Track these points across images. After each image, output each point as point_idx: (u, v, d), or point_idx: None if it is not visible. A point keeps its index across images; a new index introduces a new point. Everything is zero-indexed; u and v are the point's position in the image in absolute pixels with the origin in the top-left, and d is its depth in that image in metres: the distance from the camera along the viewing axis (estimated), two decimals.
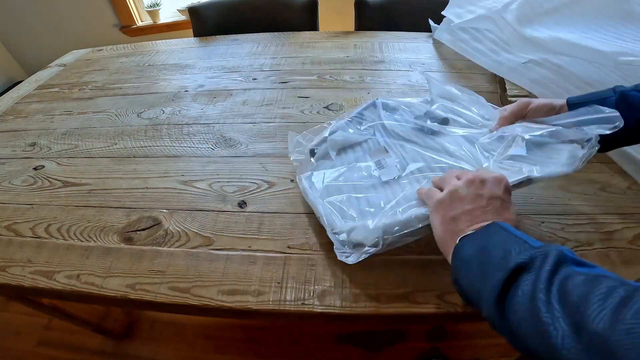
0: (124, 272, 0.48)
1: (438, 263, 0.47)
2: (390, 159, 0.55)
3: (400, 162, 0.54)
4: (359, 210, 0.49)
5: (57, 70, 1.04)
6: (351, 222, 0.46)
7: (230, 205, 0.57)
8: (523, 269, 0.29)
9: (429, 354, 0.98)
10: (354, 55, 1.00)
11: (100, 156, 0.69)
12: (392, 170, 0.53)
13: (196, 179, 0.62)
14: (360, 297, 0.44)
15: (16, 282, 0.48)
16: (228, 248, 0.51)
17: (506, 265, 0.29)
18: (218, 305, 0.44)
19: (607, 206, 0.53)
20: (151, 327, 1.08)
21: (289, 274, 0.47)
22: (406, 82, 0.85)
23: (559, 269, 0.27)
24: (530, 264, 0.29)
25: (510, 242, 0.31)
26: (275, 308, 0.44)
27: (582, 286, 0.25)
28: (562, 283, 0.26)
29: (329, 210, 0.50)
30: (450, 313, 0.42)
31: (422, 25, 1.10)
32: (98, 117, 0.81)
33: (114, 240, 0.53)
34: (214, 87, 0.89)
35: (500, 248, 0.31)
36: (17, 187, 0.64)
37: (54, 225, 0.56)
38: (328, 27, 1.27)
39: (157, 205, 0.58)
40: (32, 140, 0.75)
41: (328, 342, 1.02)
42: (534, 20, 0.76)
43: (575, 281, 0.26)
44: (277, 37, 1.14)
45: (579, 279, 0.26)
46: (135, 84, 0.93)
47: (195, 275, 0.48)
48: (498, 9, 0.83)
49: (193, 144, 0.70)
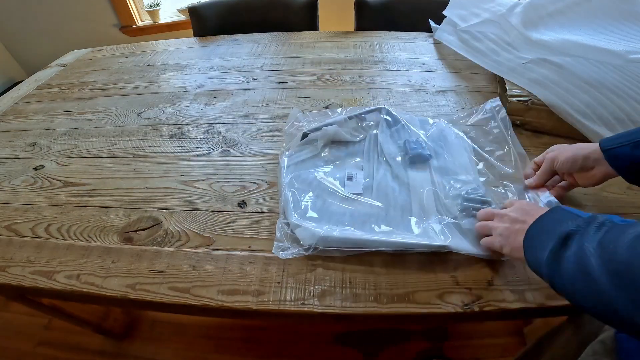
0: (124, 272, 0.48)
1: (438, 263, 0.47)
2: (360, 174, 0.58)
3: (367, 183, 0.57)
4: (322, 211, 0.52)
5: (57, 70, 1.04)
6: (301, 220, 0.50)
7: (230, 205, 0.57)
8: (574, 234, 0.33)
9: (429, 354, 0.98)
10: (353, 55, 1.00)
11: (100, 156, 0.69)
12: (357, 186, 0.56)
13: (196, 179, 0.62)
14: (360, 297, 0.44)
15: (16, 282, 0.48)
16: (228, 248, 0.51)
17: (559, 233, 0.34)
18: (218, 305, 0.44)
19: (607, 206, 0.53)
20: (151, 327, 1.08)
21: (289, 274, 0.47)
22: (406, 82, 0.85)
23: (603, 225, 0.31)
24: (579, 228, 0.33)
25: (563, 217, 0.36)
26: (275, 308, 0.44)
27: (618, 231, 0.29)
28: (605, 233, 0.30)
29: (289, 198, 0.54)
30: (450, 313, 0.42)
31: (422, 25, 1.10)
32: (98, 117, 0.81)
33: (114, 240, 0.53)
34: (214, 87, 0.89)
35: (554, 223, 0.36)
36: (17, 187, 0.64)
37: (54, 225, 0.56)
38: (328, 27, 1.27)
39: (157, 205, 0.58)
40: (32, 140, 0.75)
41: (328, 342, 1.02)
42: (539, 23, 0.76)
43: (615, 229, 0.30)
44: (277, 37, 1.14)
45: (618, 227, 0.30)
46: (135, 84, 0.93)
47: (195, 275, 0.48)
48: (503, 12, 0.83)
49: (193, 144, 0.70)
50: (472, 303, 0.43)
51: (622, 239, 0.28)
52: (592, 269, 0.29)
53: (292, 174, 0.58)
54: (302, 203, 0.54)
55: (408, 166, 0.59)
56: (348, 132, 0.65)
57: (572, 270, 0.31)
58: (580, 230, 0.32)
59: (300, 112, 0.67)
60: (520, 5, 0.82)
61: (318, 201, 0.54)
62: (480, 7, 0.92)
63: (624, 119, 0.61)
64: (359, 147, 0.64)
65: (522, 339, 0.98)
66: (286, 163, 0.60)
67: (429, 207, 0.52)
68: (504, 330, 1.01)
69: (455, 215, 0.51)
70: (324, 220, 0.51)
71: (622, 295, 0.27)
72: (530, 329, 0.97)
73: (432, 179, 0.56)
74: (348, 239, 0.47)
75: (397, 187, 0.56)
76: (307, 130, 0.64)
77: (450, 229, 0.48)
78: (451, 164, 0.59)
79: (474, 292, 0.44)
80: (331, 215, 0.52)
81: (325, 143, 0.64)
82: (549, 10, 0.76)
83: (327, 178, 0.58)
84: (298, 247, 0.48)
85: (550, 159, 0.50)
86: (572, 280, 0.31)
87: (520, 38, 0.77)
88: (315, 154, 0.62)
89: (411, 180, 0.57)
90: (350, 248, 0.47)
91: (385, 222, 0.51)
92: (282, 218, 0.52)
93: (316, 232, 0.48)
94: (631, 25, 0.65)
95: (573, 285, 0.31)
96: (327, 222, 0.51)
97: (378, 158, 0.61)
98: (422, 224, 0.50)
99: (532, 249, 0.37)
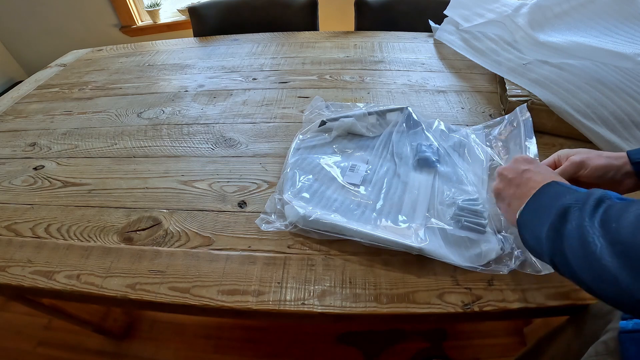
0: (124, 272, 0.48)
1: (438, 263, 0.47)
2: (363, 167, 0.59)
3: (367, 176, 0.58)
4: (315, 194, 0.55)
5: (57, 70, 1.04)
6: (292, 198, 0.53)
7: (230, 205, 0.57)
8: (572, 207, 0.32)
9: (429, 354, 0.98)
10: (353, 55, 1.00)
11: (100, 156, 0.69)
12: (356, 177, 0.58)
13: (196, 179, 0.62)
14: (360, 297, 0.44)
15: (16, 282, 0.48)
16: (228, 248, 0.51)
17: (557, 208, 0.33)
18: (218, 305, 0.44)
19: None
20: (151, 327, 1.08)
21: (289, 274, 0.47)
22: (406, 82, 0.85)
23: (602, 202, 0.31)
24: (577, 202, 0.32)
25: (560, 192, 0.35)
26: (275, 308, 0.44)
27: (619, 210, 0.29)
28: (604, 210, 0.30)
29: (289, 176, 0.56)
30: (450, 313, 0.42)
31: (422, 25, 1.10)
32: (98, 117, 0.81)
33: (114, 240, 0.53)
34: (214, 87, 0.89)
35: (552, 198, 0.35)
36: (17, 187, 0.64)
37: (54, 225, 0.56)
38: (328, 27, 1.27)
39: (157, 205, 0.58)
40: (32, 140, 0.75)
41: (328, 342, 1.02)
42: (545, 25, 0.76)
43: (615, 207, 0.30)
44: (277, 37, 1.14)
45: (618, 205, 0.30)
46: (135, 84, 0.93)
47: (195, 275, 0.47)
48: (509, 13, 0.83)
49: (193, 144, 0.70)
50: (472, 303, 0.43)
51: (625, 218, 0.28)
52: (595, 248, 0.28)
53: (299, 156, 0.61)
54: (299, 183, 0.56)
55: (413, 167, 0.59)
56: (365, 127, 0.66)
57: (574, 247, 0.31)
58: (579, 204, 0.32)
59: (322, 101, 0.70)
60: (526, 6, 0.81)
61: (315, 184, 0.56)
62: (484, 8, 0.91)
63: (624, 118, 0.61)
64: (371, 143, 0.65)
65: (522, 339, 0.98)
66: (297, 145, 0.63)
67: (421, 209, 0.52)
68: (504, 330, 1.01)
69: (445, 222, 0.50)
70: (313, 202, 0.53)
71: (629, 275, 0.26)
72: (530, 329, 0.97)
73: (433, 183, 0.56)
74: (326, 223, 0.49)
75: (395, 184, 0.56)
76: (326, 119, 0.66)
77: (433, 233, 0.48)
78: (460, 174, 0.57)
79: (474, 292, 0.44)
80: (322, 199, 0.54)
81: (340, 134, 0.66)
82: (555, 12, 0.76)
83: (330, 165, 0.59)
84: (280, 223, 0.51)
85: (576, 164, 0.44)
86: (574, 256, 0.31)
87: (527, 39, 0.77)
88: (327, 142, 0.65)
89: (410, 180, 0.57)
90: (327, 232, 0.49)
91: (371, 215, 0.52)
92: (277, 193, 0.55)
93: (299, 211, 0.50)
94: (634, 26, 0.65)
95: (575, 262, 0.31)
96: (316, 205, 0.52)
97: (386, 155, 0.62)
98: (408, 224, 0.50)
99: (530, 225, 0.37)
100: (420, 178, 0.57)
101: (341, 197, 0.54)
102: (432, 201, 0.53)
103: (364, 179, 0.57)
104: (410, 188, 0.56)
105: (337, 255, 0.49)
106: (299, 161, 0.60)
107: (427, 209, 0.52)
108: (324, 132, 0.66)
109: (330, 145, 0.64)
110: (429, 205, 0.53)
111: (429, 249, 0.46)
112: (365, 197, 0.54)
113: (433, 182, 0.57)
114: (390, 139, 0.64)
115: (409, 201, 0.54)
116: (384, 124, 0.67)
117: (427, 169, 0.59)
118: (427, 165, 0.59)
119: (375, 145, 0.64)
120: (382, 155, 0.62)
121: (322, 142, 0.64)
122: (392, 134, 0.65)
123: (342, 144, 0.65)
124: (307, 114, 0.68)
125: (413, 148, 0.62)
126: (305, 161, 0.60)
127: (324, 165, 0.59)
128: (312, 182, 0.56)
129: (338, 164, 0.60)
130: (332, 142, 0.65)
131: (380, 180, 0.57)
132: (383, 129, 0.67)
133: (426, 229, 0.49)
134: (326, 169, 0.59)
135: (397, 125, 0.66)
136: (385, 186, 0.56)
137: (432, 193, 0.55)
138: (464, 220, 0.49)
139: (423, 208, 0.52)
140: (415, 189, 0.55)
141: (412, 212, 0.52)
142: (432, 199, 0.54)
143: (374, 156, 0.62)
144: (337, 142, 0.65)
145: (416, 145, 0.62)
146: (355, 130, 0.66)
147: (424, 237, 0.47)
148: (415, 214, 0.52)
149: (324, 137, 0.65)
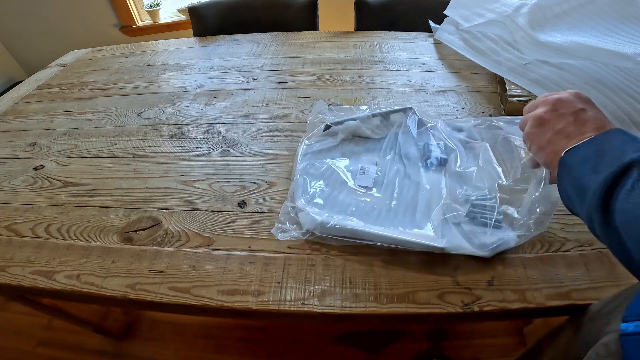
0: (124, 272, 0.48)
1: (438, 263, 0.47)
2: (373, 169, 0.59)
3: (378, 178, 0.58)
4: (328, 199, 0.54)
5: (57, 70, 1.04)
6: (306, 205, 0.52)
7: (230, 205, 0.57)
8: (636, 164, 0.28)
9: (429, 354, 0.98)
10: (353, 55, 1.00)
11: (100, 156, 0.69)
12: (368, 180, 0.57)
13: (196, 179, 0.62)
14: (360, 297, 0.44)
15: (16, 282, 0.48)
16: (228, 248, 0.51)
17: (621, 161, 0.29)
18: (218, 305, 0.44)
19: None
20: (151, 327, 1.08)
21: (289, 274, 0.47)
22: (406, 82, 0.85)
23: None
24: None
25: (628, 142, 0.31)
26: (275, 308, 0.44)
27: None
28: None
29: (300, 183, 0.55)
30: (450, 313, 0.42)
31: (422, 25, 1.10)
32: (98, 117, 0.81)
33: (114, 240, 0.53)
34: (214, 87, 0.89)
35: (617, 148, 0.31)
36: (17, 187, 0.63)
37: (54, 225, 0.56)
38: (328, 27, 1.27)
39: (157, 205, 0.58)
40: (32, 140, 0.75)
41: (328, 342, 1.02)
42: (545, 24, 0.76)
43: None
44: (277, 37, 1.14)
45: None
46: (135, 84, 0.93)
47: (195, 275, 0.47)
48: (509, 13, 0.83)
49: (193, 144, 0.70)
50: (472, 303, 0.43)
51: None
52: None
53: (308, 162, 0.60)
54: (311, 189, 0.55)
55: (422, 167, 0.59)
56: (370, 129, 0.66)
57: (629, 210, 0.27)
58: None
59: (325, 105, 0.69)
60: (527, 6, 0.81)
61: (327, 189, 0.56)
62: (484, 7, 0.91)
63: (624, 119, 0.61)
64: (377, 144, 0.65)
65: (522, 339, 0.98)
66: (304, 151, 0.63)
67: (436, 208, 0.52)
68: (504, 330, 1.01)
69: (461, 220, 0.50)
70: (327, 207, 0.52)
71: None
72: (530, 329, 0.97)
73: (445, 182, 0.56)
74: (345, 228, 0.48)
75: (407, 185, 0.56)
76: (330, 123, 0.66)
77: (450, 230, 0.48)
78: (471, 173, 0.57)
79: (474, 292, 0.44)
80: (335, 204, 0.53)
81: (346, 137, 0.65)
82: (555, 12, 0.76)
83: (340, 169, 0.59)
84: (297, 231, 0.49)
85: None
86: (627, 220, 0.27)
87: (527, 39, 0.77)
88: (334, 146, 0.64)
89: (422, 180, 0.57)
90: (346, 238, 0.48)
91: (388, 217, 0.51)
92: (289, 201, 0.54)
93: (316, 218, 0.49)
94: (634, 26, 0.65)
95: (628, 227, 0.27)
96: (331, 210, 0.52)
97: (394, 156, 0.62)
98: (424, 223, 0.50)
99: (576, 170, 0.33)
100: (431, 177, 0.57)
101: (355, 201, 0.54)
102: (446, 199, 0.53)
103: (375, 181, 0.57)
104: (422, 187, 0.56)
105: (337, 255, 0.49)
106: (307, 167, 0.59)
107: (442, 208, 0.52)
108: (329, 136, 0.66)
109: (337, 149, 0.64)
110: (443, 204, 0.53)
111: (452, 247, 0.46)
112: (380, 199, 0.54)
113: (445, 180, 0.57)
114: (396, 140, 0.64)
115: (422, 200, 0.53)
116: (388, 125, 0.67)
117: (437, 168, 0.59)
118: (436, 165, 0.59)
119: (382, 147, 0.63)
120: (390, 156, 0.62)
121: (328, 146, 0.64)
122: (397, 135, 0.64)
123: (348, 147, 0.64)
124: (310, 119, 0.67)
125: (420, 148, 0.62)
126: (314, 166, 0.60)
127: (333, 170, 0.59)
128: (324, 188, 0.56)
129: (347, 167, 0.60)
130: (339, 146, 0.65)
131: (391, 182, 0.57)
132: (388, 130, 0.67)
133: (444, 227, 0.49)
134: (336, 173, 0.58)
135: (402, 126, 0.66)
136: (397, 187, 0.56)
137: (445, 191, 0.55)
138: (480, 216, 0.49)
139: (438, 207, 0.52)
140: (427, 188, 0.55)
141: (427, 212, 0.52)
142: (445, 197, 0.54)
143: (382, 158, 0.62)
144: (344, 146, 0.65)
145: (423, 144, 0.62)
146: (361, 132, 0.66)
147: (444, 235, 0.47)
148: (431, 213, 0.52)
149: (329, 141, 0.65)
